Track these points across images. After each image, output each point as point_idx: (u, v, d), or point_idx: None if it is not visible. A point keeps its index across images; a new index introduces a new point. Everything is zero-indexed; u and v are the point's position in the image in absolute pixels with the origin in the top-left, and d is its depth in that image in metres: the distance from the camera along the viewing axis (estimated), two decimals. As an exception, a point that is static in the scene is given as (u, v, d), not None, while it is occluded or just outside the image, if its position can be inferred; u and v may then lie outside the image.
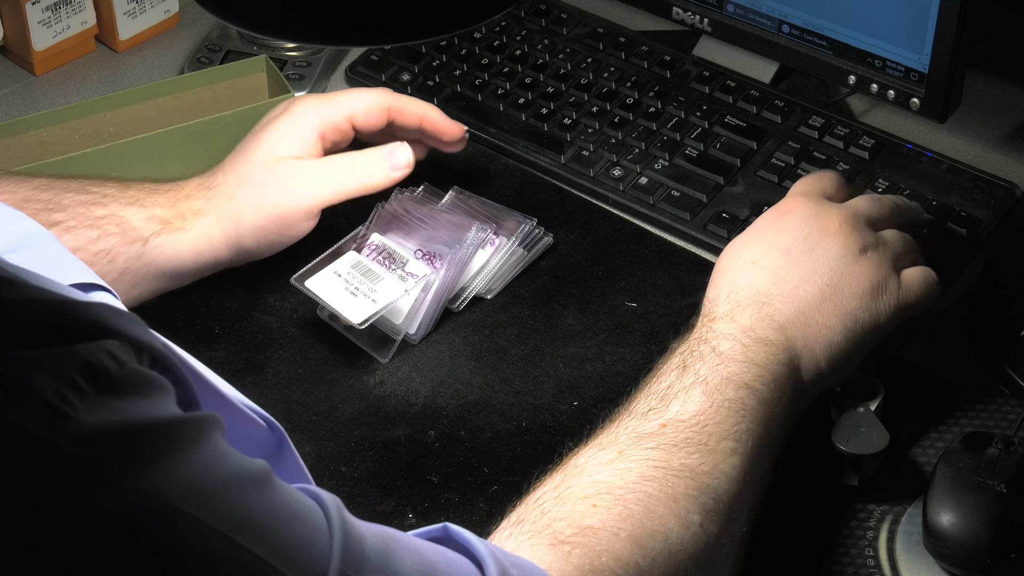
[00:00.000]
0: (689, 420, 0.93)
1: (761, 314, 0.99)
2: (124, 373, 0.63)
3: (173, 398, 0.67)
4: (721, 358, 0.96)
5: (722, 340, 0.98)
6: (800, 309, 1.00)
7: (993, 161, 1.28)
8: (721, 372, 0.95)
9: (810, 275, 1.01)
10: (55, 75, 1.39)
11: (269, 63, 1.30)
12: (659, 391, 0.95)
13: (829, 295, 1.01)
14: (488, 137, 1.29)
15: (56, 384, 0.60)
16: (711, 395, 0.94)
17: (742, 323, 0.99)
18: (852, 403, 1.03)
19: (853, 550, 0.99)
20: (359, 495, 1.02)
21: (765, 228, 1.04)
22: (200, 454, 0.64)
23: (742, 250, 1.04)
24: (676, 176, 1.24)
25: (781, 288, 1.00)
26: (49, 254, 0.82)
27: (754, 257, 1.02)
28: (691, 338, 0.99)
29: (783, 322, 0.99)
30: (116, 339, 0.63)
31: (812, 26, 1.27)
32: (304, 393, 1.08)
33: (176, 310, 1.14)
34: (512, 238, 1.17)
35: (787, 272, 1.01)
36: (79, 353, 0.62)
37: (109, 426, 0.61)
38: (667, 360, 0.98)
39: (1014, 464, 0.97)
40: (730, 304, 1.00)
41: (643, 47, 1.35)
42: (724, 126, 1.28)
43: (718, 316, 1.00)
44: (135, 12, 1.40)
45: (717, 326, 0.99)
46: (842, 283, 1.01)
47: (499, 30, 1.38)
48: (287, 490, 0.69)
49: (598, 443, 0.93)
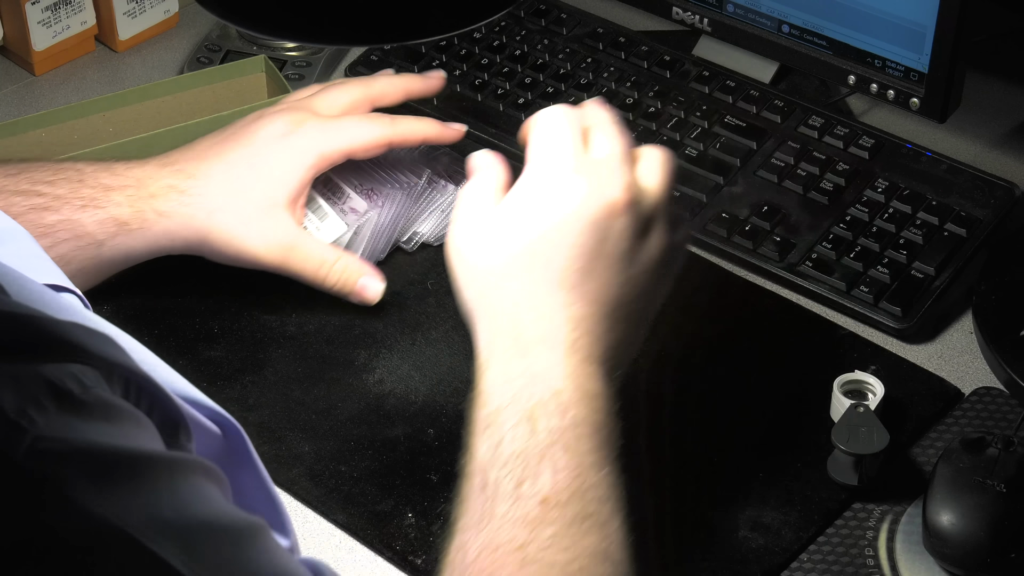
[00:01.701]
0: (568, 488, 0.85)
1: (576, 331, 0.90)
2: (88, 398, 0.62)
3: (149, 430, 0.65)
4: (561, 402, 0.88)
5: (551, 377, 0.89)
6: (604, 314, 0.92)
7: (993, 161, 1.28)
8: (569, 417, 0.87)
9: (605, 274, 0.92)
10: (55, 75, 1.39)
11: (268, 63, 1.30)
12: (513, 455, 0.86)
13: (627, 290, 0.93)
14: (488, 137, 1.29)
15: (18, 400, 0.59)
16: (572, 451, 0.86)
17: (562, 344, 0.90)
18: (852, 403, 1.03)
19: (853, 550, 0.99)
20: (358, 494, 1.02)
21: (542, 216, 0.93)
22: (172, 494, 0.63)
23: (524, 245, 0.92)
24: (676, 176, 1.24)
25: (584, 294, 0.92)
26: (21, 252, 0.81)
27: (545, 257, 0.92)
28: (515, 374, 0.89)
29: (596, 334, 0.91)
30: (84, 363, 0.62)
31: (812, 26, 1.27)
32: (303, 392, 1.08)
33: (176, 309, 1.14)
34: (458, 188, 1.18)
35: (584, 274, 0.92)
36: (44, 373, 0.61)
37: (66, 445, 0.60)
38: (500, 411, 0.88)
39: (1014, 464, 0.96)
40: (537, 320, 0.91)
41: (643, 47, 1.35)
42: (724, 126, 1.27)
43: (531, 339, 0.90)
44: (135, 12, 1.40)
45: (537, 353, 0.90)
46: (636, 271, 0.94)
47: (499, 30, 1.38)
48: (279, 554, 0.67)
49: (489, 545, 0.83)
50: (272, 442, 1.05)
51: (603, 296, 0.92)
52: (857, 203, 1.20)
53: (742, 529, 1.00)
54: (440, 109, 1.31)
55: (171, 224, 1.08)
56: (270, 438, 1.05)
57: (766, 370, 1.10)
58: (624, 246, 0.93)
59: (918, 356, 1.12)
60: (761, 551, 0.99)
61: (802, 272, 1.17)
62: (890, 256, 1.17)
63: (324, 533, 1.01)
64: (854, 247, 1.17)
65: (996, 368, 1.09)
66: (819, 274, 1.16)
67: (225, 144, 1.12)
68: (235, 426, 0.77)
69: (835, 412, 1.05)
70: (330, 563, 0.98)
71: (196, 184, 1.09)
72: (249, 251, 1.10)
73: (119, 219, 1.07)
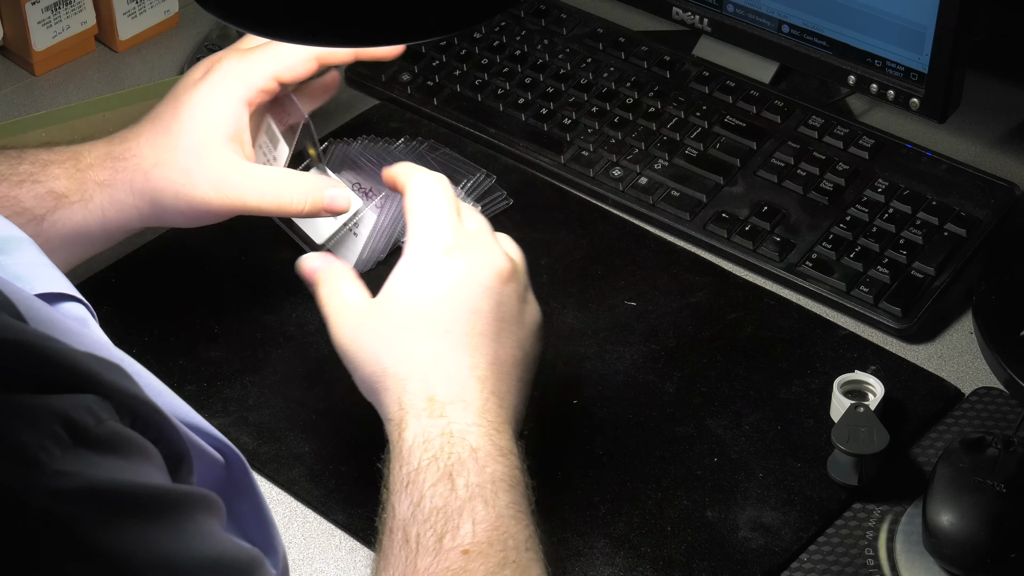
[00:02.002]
0: (488, 539, 0.87)
1: (485, 391, 0.94)
2: (101, 431, 0.61)
3: (156, 461, 0.65)
4: (479, 459, 0.90)
5: (469, 435, 0.91)
6: (506, 374, 0.95)
7: (993, 161, 1.28)
8: (487, 473, 0.90)
9: (502, 336, 0.96)
10: (55, 75, 1.39)
11: (269, 63, 1.30)
12: (435, 511, 0.88)
13: (520, 353, 0.97)
14: (488, 137, 1.29)
15: (35, 434, 0.59)
16: (491, 504, 0.89)
17: (474, 404, 0.93)
18: (852, 403, 1.03)
19: (853, 550, 0.99)
20: (358, 494, 1.02)
21: (439, 288, 0.96)
22: (176, 530, 0.63)
23: (425, 315, 0.95)
24: (676, 176, 1.24)
25: (487, 355, 0.95)
26: (27, 261, 0.80)
27: (446, 324, 0.95)
28: (433, 435, 0.92)
29: (502, 394, 0.94)
30: (97, 393, 0.62)
31: (812, 26, 1.27)
32: (303, 392, 1.08)
33: (176, 309, 1.14)
34: (458, 188, 1.20)
35: (484, 337, 0.95)
36: (60, 405, 0.60)
37: (79, 481, 0.59)
38: (421, 470, 0.90)
39: (1014, 464, 0.97)
40: (448, 382, 0.94)
41: (643, 47, 1.35)
42: (724, 126, 1.27)
43: (445, 401, 0.93)
44: (135, 12, 1.40)
45: (453, 414, 0.92)
46: (524, 334, 0.97)
47: (499, 30, 1.38)
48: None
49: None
50: (272, 442, 1.05)
51: (502, 358, 0.96)
52: (857, 203, 1.20)
53: (742, 529, 1.00)
54: (440, 109, 1.31)
55: (114, 192, 1.06)
56: (270, 438, 1.05)
57: (766, 370, 1.10)
58: (514, 310, 0.97)
59: (918, 356, 1.12)
60: (761, 551, 0.99)
61: (802, 272, 1.17)
62: (890, 256, 1.17)
63: (324, 533, 1.01)
64: (854, 247, 1.17)
65: (996, 368, 1.09)
66: (819, 274, 1.16)
67: (155, 107, 1.10)
68: (236, 454, 0.77)
69: (835, 412, 1.05)
70: (330, 563, 0.99)
71: (129, 147, 1.07)
72: (198, 199, 1.05)
73: (56, 191, 1.05)
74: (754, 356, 1.11)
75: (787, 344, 1.12)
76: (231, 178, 1.05)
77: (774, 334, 1.13)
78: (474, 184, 1.22)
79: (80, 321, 0.78)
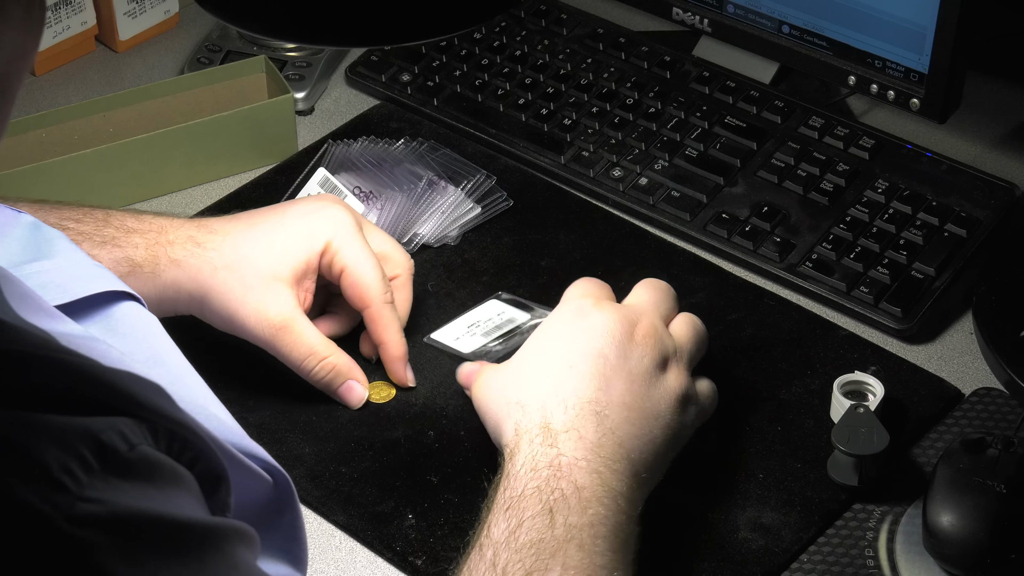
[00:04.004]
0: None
1: (603, 428, 0.94)
2: (132, 456, 0.60)
3: (190, 488, 0.64)
4: (583, 499, 0.90)
5: (576, 471, 0.92)
6: (629, 419, 0.96)
7: (993, 161, 1.28)
8: (588, 515, 0.90)
9: (629, 383, 0.97)
10: (55, 75, 1.39)
11: (269, 63, 1.30)
12: (528, 544, 0.88)
13: (649, 406, 0.97)
14: (488, 137, 1.29)
15: (63, 456, 0.57)
16: (587, 550, 0.88)
17: (589, 438, 0.93)
18: (852, 404, 1.03)
19: (853, 550, 0.99)
20: (359, 495, 1.02)
21: (570, 331, 0.99)
22: (199, 565, 0.61)
23: (552, 352, 0.98)
24: (676, 176, 1.24)
25: (609, 395, 0.96)
26: (72, 262, 0.80)
27: (571, 361, 0.97)
28: (541, 464, 0.92)
29: (622, 436, 0.95)
30: (133, 415, 0.61)
31: (812, 26, 1.27)
32: (304, 393, 1.08)
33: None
34: (458, 189, 1.20)
35: (609, 379, 0.96)
36: (91, 428, 0.59)
37: (108, 508, 0.58)
38: (524, 498, 0.91)
39: (1014, 464, 0.97)
40: (565, 412, 0.95)
41: (643, 47, 1.35)
42: (724, 126, 1.27)
43: (559, 430, 0.94)
44: (135, 12, 1.40)
45: (565, 445, 0.93)
46: (657, 395, 0.98)
47: (499, 30, 1.38)
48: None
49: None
50: (272, 443, 1.05)
51: (629, 404, 0.96)
52: (857, 204, 1.20)
53: (742, 530, 1.00)
54: (440, 109, 1.31)
55: (179, 273, 1.05)
56: (270, 439, 1.05)
57: (766, 370, 1.10)
58: (643, 369, 0.98)
59: (918, 357, 1.12)
60: (761, 552, 0.99)
61: (802, 272, 1.17)
62: (890, 257, 1.17)
63: (324, 534, 1.01)
64: (854, 248, 1.17)
65: (996, 369, 1.09)
66: (819, 274, 1.16)
67: (260, 211, 1.09)
68: (284, 476, 0.78)
69: (835, 413, 1.05)
70: (330, 563, 0.99)
71: (214, 239, 1.06)
72: (240, 319, 1.05)
73: (133, 260, 1.05)
74: (754, 356, 1.11)
75: (787, 344, 1.12)
76: (277, 321, 1.05)
77: (774, 334, 1.13)
78: (474, 184, 1.22)
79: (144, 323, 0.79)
